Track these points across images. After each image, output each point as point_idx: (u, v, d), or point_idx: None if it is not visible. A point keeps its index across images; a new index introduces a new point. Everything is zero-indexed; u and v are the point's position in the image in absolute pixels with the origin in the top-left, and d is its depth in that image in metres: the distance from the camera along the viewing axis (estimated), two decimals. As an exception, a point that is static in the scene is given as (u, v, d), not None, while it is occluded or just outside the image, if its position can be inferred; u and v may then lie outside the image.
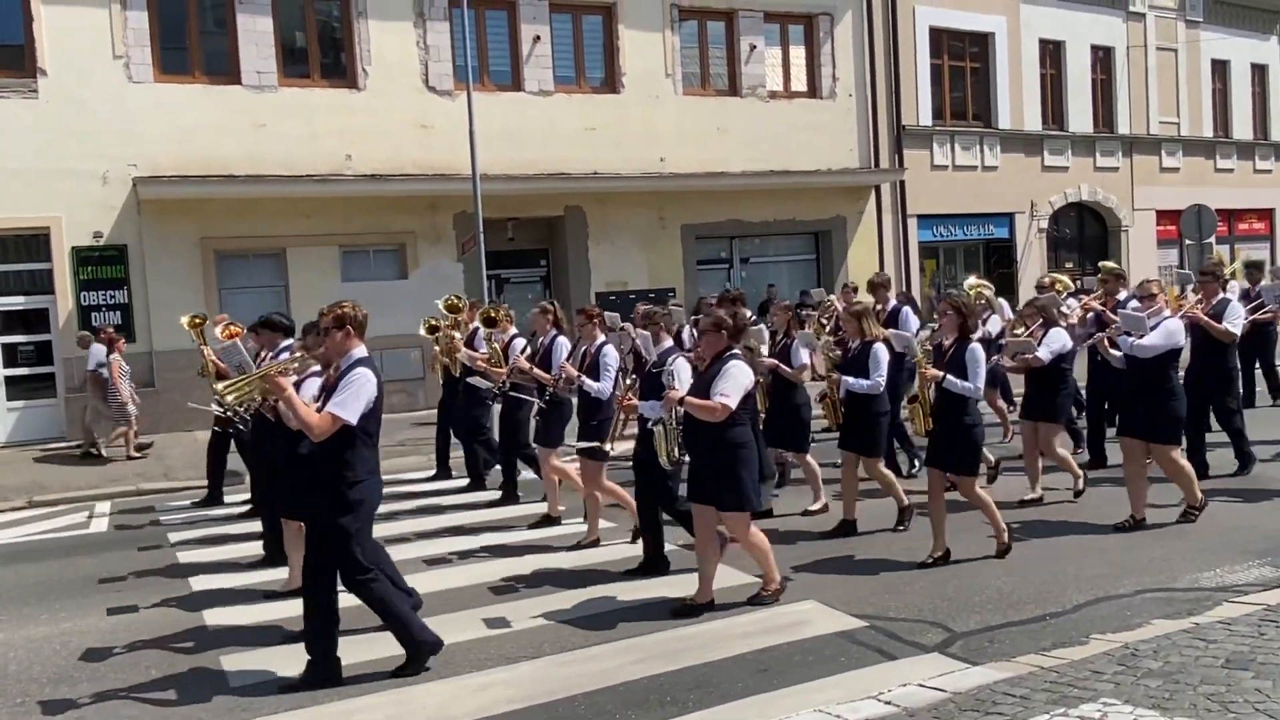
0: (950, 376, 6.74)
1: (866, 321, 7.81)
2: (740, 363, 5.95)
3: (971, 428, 6.82)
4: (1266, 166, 26.76)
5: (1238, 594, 5.87)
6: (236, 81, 15.43)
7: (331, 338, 5.30)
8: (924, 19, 20.94)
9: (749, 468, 5.96)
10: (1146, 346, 7.35)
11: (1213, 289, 9.15)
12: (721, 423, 5.83)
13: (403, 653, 5.33)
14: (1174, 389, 7.48)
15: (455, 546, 8.05)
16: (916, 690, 4.63)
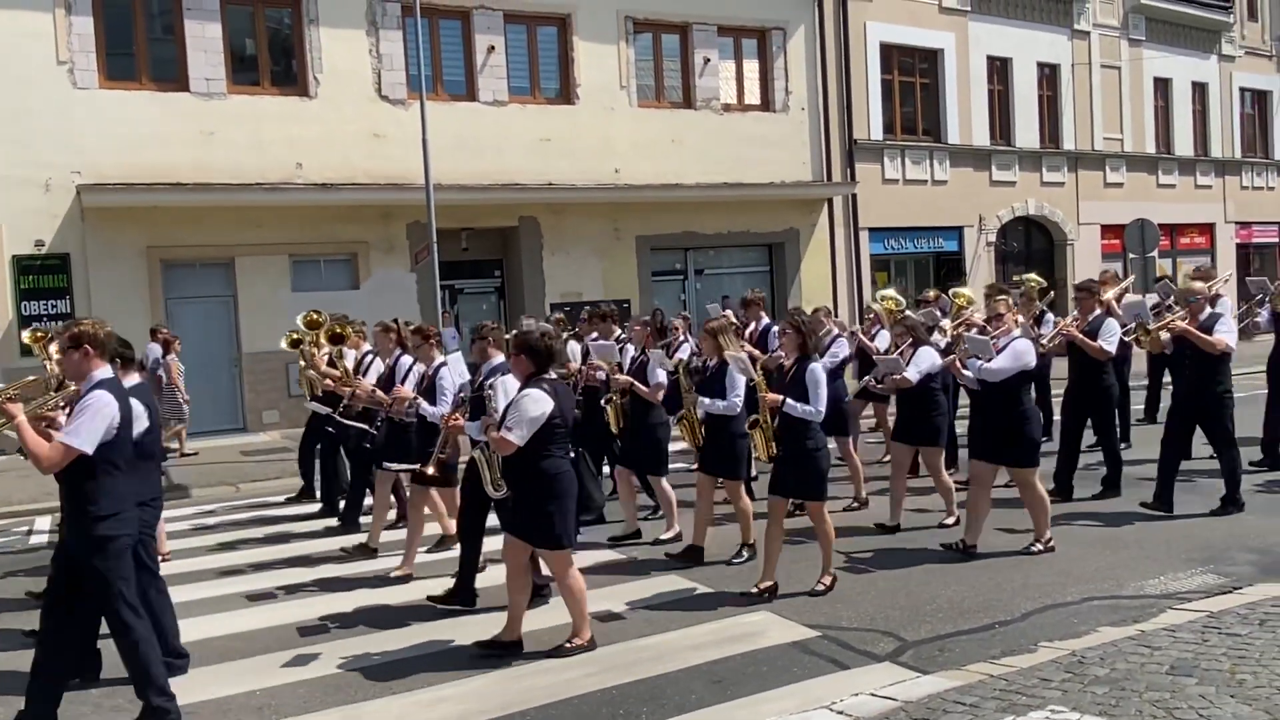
0: (789, 400, 6.35)
1: (724, 339, 7.27)
2: (535, 393, 5.38)
3: (815, 452, 6.42)
4: (1207, 182, 27.43)
5: (1181, 601, 5.98)
6: (184, 89, 15.20)
7: (68, 358, 4.77)
8: (875, 35, 21.22)
9: (560, 501, 5.49)
10: (994, 370, 7.09)
11: (1089, 305, 8.90)
12: (528, 452, 5.37)
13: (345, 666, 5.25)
14: (1026, 412, 7.18)
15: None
16: (869, 699, 4.65)
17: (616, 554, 7.82)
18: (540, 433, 5.36)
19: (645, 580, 7.05)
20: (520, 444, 5.32)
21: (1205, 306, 8.23)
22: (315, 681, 5.40)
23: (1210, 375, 8.08)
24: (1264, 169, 28.85)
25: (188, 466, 12.69)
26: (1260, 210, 28.77)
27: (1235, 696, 4.34)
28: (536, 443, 5.37)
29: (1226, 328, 8.04)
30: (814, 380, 6.35)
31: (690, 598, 6.60)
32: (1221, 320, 8.11)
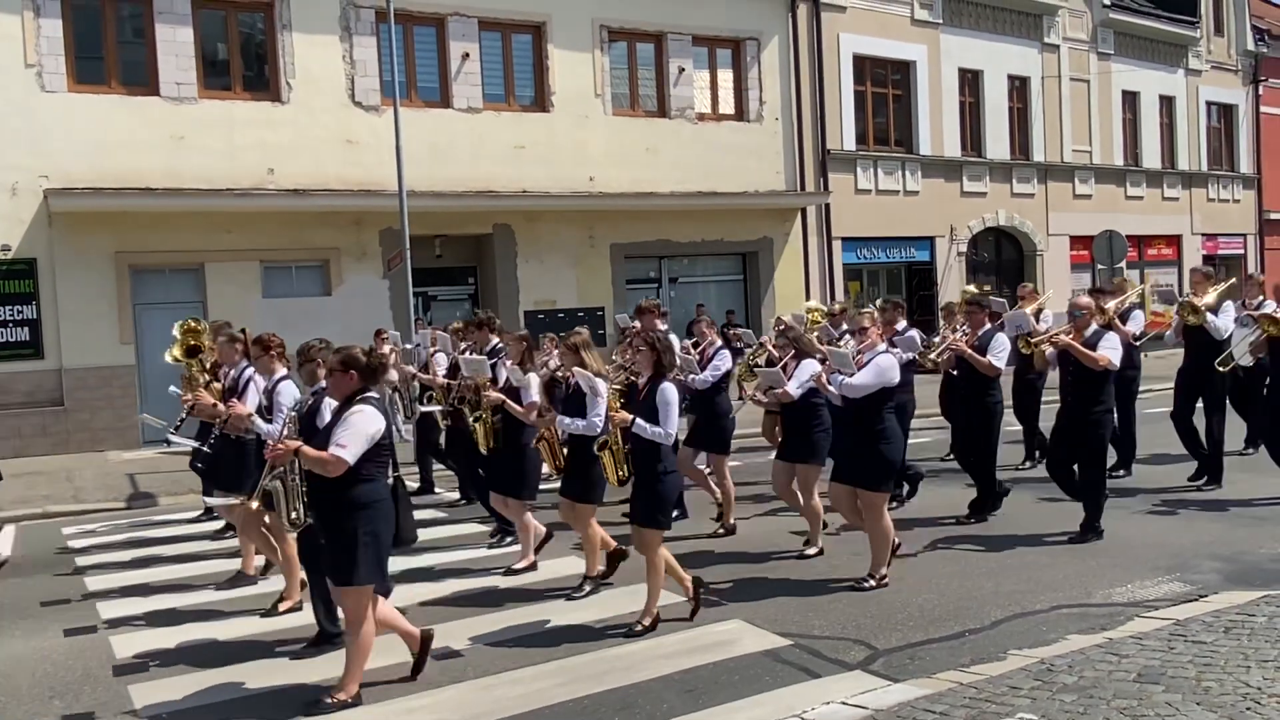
0: (640, 420, 5.97)
1: (586, 355, 6.71)
2: (368, 409, 4.99)
3: (662, 476, 6.04)
4: (1174, 194, 27.82)
5: (1149, 609, 6.04)
6: (155, 93, 15.06)
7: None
8: (848, 46, 21.38)
9: (370, 532, 4.99)
10: (856, 385, 6.71)
11: (979, 319, 8.61)
12: (342, 479, 4.90)
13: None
14: (885, 431, 6.74)
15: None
16: (840, 708, 4.66)
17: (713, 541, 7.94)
18: (366, 453, 4.96)
19: (617, 590, 7.03)
20: (352, 462, 4.88)
21: (1091, 322, 7.83)
22: (284, 692, 5.34)
23: (1092, 393, 7.68)
24: (1230, 181, 29.29)
25: (156, 475, 12.54)
26: (1226, 222, 29.21)
27: (1201, 704, 4.39)
28: (359, 464, 4.94)
29: (1111, 345, 7.64)
30: (664, 401, 5.99)
31: (662, 607, 6.58)
32: (1106, 337, 7.71)
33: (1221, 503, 8.99)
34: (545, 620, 6.41)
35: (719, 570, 7.37)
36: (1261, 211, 29.98)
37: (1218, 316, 9.47)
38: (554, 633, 6.18)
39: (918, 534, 8.20)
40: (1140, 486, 9.77)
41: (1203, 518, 8.49)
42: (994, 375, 8.37)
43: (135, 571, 8.16)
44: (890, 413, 6.86)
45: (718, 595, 6.70)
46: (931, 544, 7.92)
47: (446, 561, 8.07)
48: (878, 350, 6.89)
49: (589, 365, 6.66)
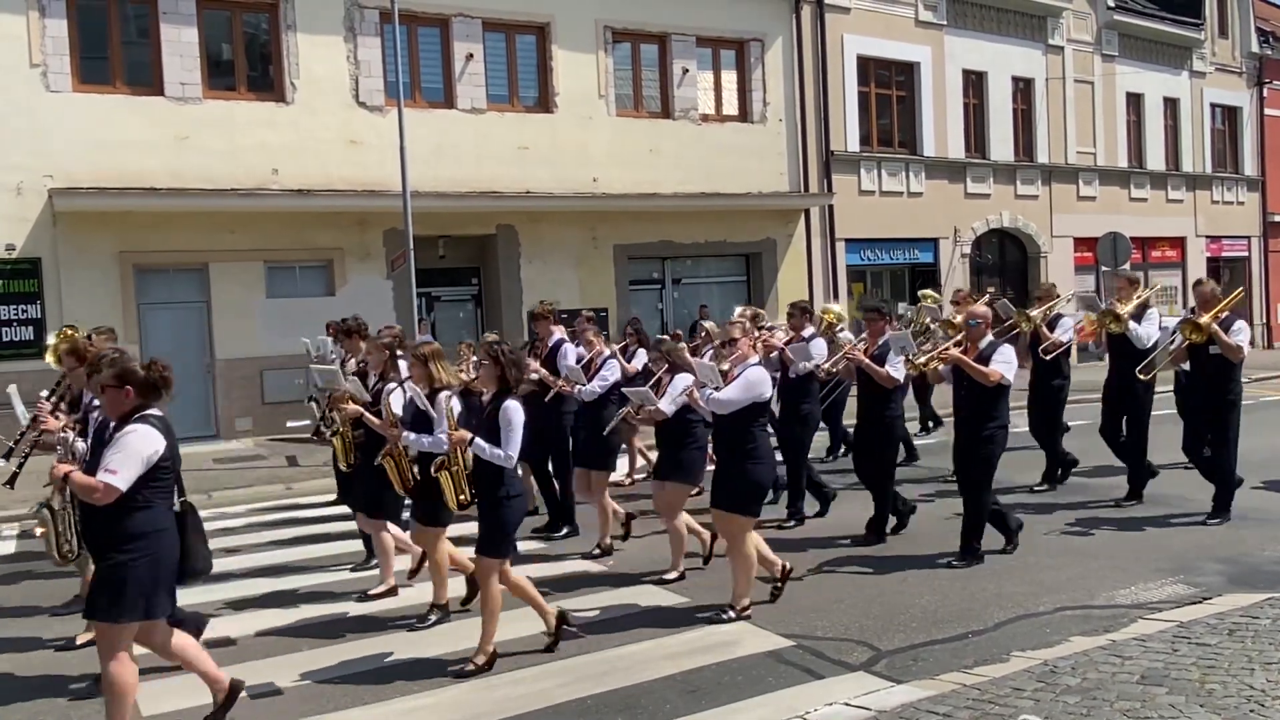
0: (479, 440, 5.51)
1: (435, 366, 6.14)
2: (142, 428, 4.50)
3: (504, 501, 5.54)
4: (1178, 196, 27.78)
5: (1152, 611, 6.04)
6: (159, 93, 15.08)
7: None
8: (852, 47, 21.37)
9: (144, 564, 4.49)
10: (722, 400, 6.20)
11: (879, 327, 8.16)
12: (118, 505, 4.42)
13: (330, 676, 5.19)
14: (756, 450, 6.22)
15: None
16: (842, 709, 4.66)
17: (588, 563, 7.80)
18: (142, 477, 4.46)
19: (619, 590, 7.03)
20: (124, 489, 4.39)
21: (986, 333, 7.39)
22: (286, 692, 5.35)
23: (985, 409, 7.21)
24: (1234, 184, 29.25)
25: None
26: (1230, 224, 29.16)
27: (1205, 706, 4.39)
28: (133, 490, 4.45)
29: (1005, 359, 7.15)
30: (507, 420, 5.52)
31: (664, 607, 6.59)
32: (1000, 350, 7.21)
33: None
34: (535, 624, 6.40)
35: (718, 574, 7.36)
36: (1266, 214, 29.92)
37: (1141, 324, 9.00)
38: (556, 633, 6.17)
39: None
40: (1148, 490, 9.73)
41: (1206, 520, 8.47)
42: (892, 386, 7.94)
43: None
44: (761, 430, 6.36)
45: (721, 597, 6.70)
46: (928, 549, 7.91)
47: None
48: (748, 363, 6.35)
49: (437, 377, 6.13)
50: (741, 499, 6.23)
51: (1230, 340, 8.17)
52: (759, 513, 6.38)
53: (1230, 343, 8.16)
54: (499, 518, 5.58)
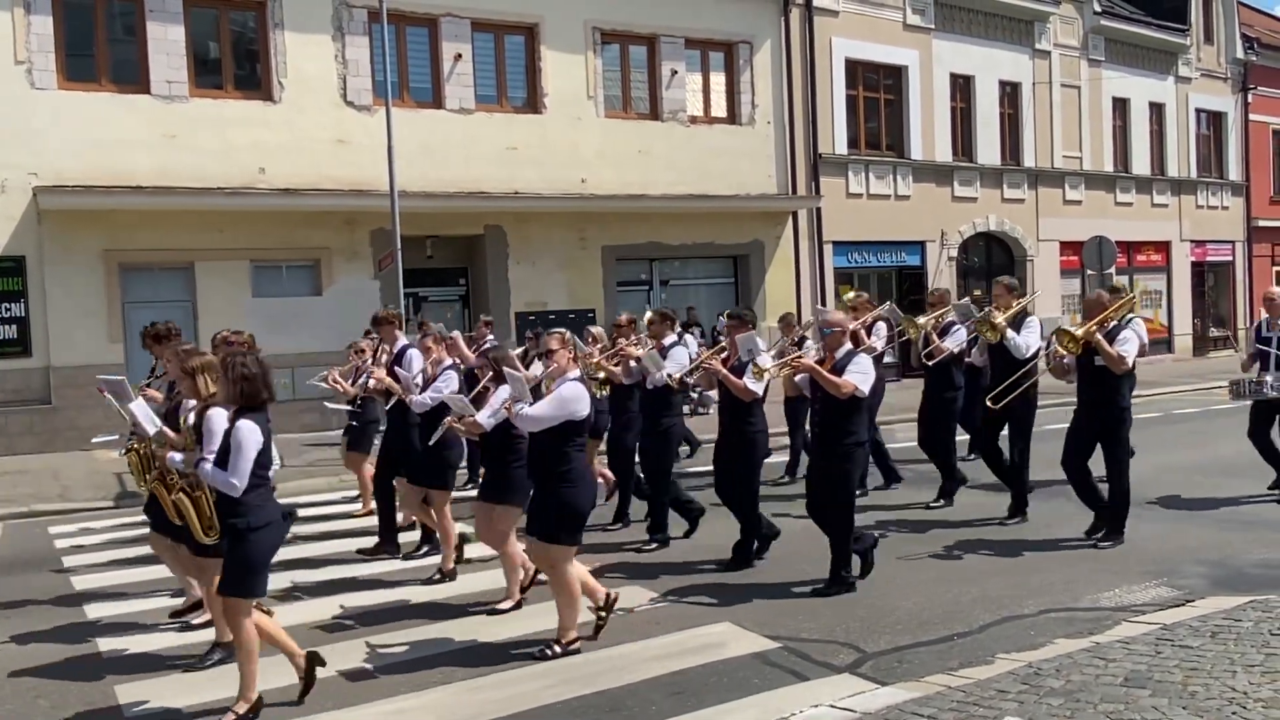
0: (206, 464, 4.93)
1: (203, 379, 5.35)
2: None
3: (245, 534, 4.89)
4: (1163, 201, 27.95)
5: (1136, 613, 6.06)
6: (145, 91, 15.02)
7: None
8: (840, 50, 21.43)
9: None
10: (531, 417, 5.66)
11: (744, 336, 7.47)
12: None
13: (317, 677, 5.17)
14: (570, 473, 5.67)
15: (359, 572, 7.88)
16: (828, 711, 4.67)
17: None
18: None
19: (607, 591, 7.02)
20: None
21: (844, 341, 6.86)
22: (269, 693, 5.32)
23: (841, 424, 6.72)
24: (1218, 188, 29.45)
25: (143, 474, 12.47)
26: (1214, 229, 29.36)
27: (1187, 708, 4.41)
28: None
29: (860, 369, 6.68)
30: (237, 442, 4.82)
31: (650, 608, 6.59)
32: (856, 360, 6.75)
33: (1208, 507, 9.03)
34: (534, 619, 6.40)
35: (707, 575, 7.37)
36: (1250, 219, 30.13)
37: (1020, 333, 8.49)
38: (543, 633, 6.16)
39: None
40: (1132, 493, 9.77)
41: (1190, 523, 8.53)
42: (748, 400, 7.29)
43: (122, 571, 8.13)
44: (578, 451, 5.76)
45: (707, 597, 6.70)
46: (913, 551, 7.93)
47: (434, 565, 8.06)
48: (566, 377, 5.81)
49: (204, 393, 5.31)
50: (556, 527, 5.68)
51: (1113, 350, 7.52)
52: (578, 541, 5.81)
53: (1112, 353, 7.52)
54: (241, 555, 4.90)
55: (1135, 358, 7.76)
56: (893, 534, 8.34)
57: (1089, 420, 7.87)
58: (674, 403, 8.37)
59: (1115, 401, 7.71)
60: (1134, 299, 8.30)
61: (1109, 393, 7.70)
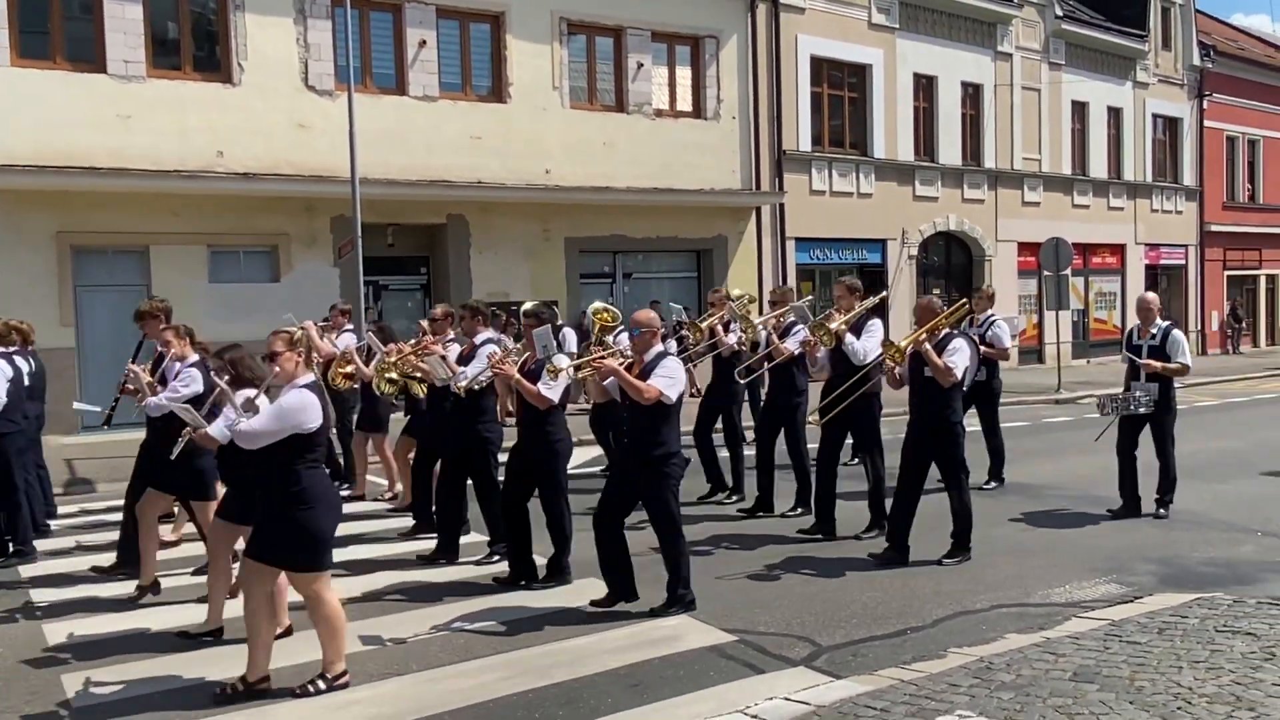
0: None
1: None
2: None
3: None
4: (1119, 204, 28.39)
5: (1086, 609, 6.17)
6: (101, 70, 14.71)
7: None
8: (805, 48, 21.51)
9: None
10: (246, 432, 4.97)
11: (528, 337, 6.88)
12: None
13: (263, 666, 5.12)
14: (304, 493, 5.01)
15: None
16: (782, 704, 4.70)
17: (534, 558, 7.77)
18: None
19: (565, 584, 7.01)
20: None
21: (653, 343, 6.32)
22: (222, 683, 5.26)
23: (649, 434, 6.16)
24: (1173, 193, 29.97)
25: (94, 460, 12.28)
26: (1168, 233, 29.88)
27: (1134, 703, 4.49)
28: None
29: (667, 372, 6.12)
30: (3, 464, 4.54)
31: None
32: (664, 362, 6.17)
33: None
34: (490, 613, 6.38)
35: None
36: (1203, 223, 30.70)
37: (861, 338, 8.06)
38: (502, 625, 6.15)
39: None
40: (1084, 492, 9.96)
41: (1140, 522, 8.69)
42: (544, 408, 6.68)
43: (71, 559, 7.98)
44: (311, 469, 5.07)
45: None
46: (870, 546, 8.00)
47: (387, 555, 8.00)
48: (295, 383, 5.09)
49: None
50: (294, 552, 5.03)
51: (940, 361, 7.12)
52: (326, 564, 5.14)
53: (939, 364, 7.11)
54: None
55: (965, 369, 7.26)
56: (860, 527, 8.40)
57: (920, 436, 7.42)
58: (488, 407, 7.59)
59: (945, 416, 7.27)
60: (967, 306, 7.62)
61: (938, 407, 7.25)
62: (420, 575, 7.33)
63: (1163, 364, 8.56)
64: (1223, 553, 7.60)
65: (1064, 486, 10.18)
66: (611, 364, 6.19)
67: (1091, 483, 10.22)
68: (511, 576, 7.01)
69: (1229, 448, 12.66)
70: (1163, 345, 8.64)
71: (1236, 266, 32.11)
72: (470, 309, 8.04)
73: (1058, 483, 10.37)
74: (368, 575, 7.33)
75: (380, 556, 7.90)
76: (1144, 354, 8.67)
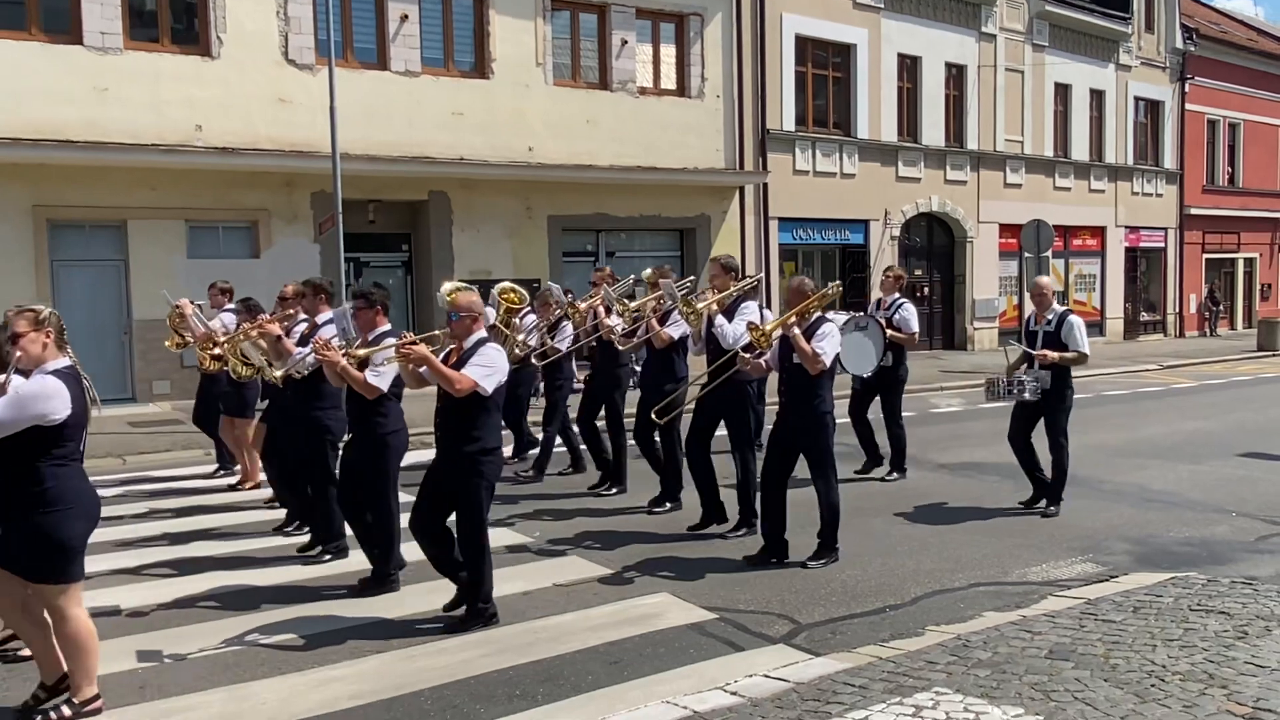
0: None
1: None
2: None
3: None
4: (1100, 186, 28.51)
5: (1062, 588, 6.23)
6: (78, 41, 14.50)
7: None
8: (790, 27, 21.44)
9: None
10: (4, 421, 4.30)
11: (369, 318, 6.37)
12: None
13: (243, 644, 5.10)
14: (47, 494, 4.38)
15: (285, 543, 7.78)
16: (762, 681, 4.73)
17: (517, 535, 7.78)
18: None
19: (545, 562, 7.03)
20: None
21: (474, 329, 5.69)
22: (201, 660, 5.25)
23: (464, 427, 5.58)
24: (1153, 176, 30.11)
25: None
26: (1148, 216, 30.05)
27: (1109, 680, 4.54)
28: None
29: (484, 362, 5.52)
30: None
31: (590, 580, 6.61)
32: (482, 350, 5.58)
33: (1134, 486, 9.28)
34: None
35: (647, 546, 7.40)
36: (1183, 206, 30.88)
37: (733, 320, 7.40)
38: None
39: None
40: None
41: (1115, 501, 8.77)
42: (371, 397, 6.19)
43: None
44: (58, 468, 4.42)
45: (646, 570, 6.73)
46: (850, 524, 8.04)
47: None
48: (44, 368, 4.46)
49: None
50: (35, 560, 4.42)
51: (808, 348, 6.61)
52: (73, 575, 4.51)
53: (806, 349, 6.61)
54: None
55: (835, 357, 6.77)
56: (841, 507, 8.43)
57: (787, 427, 6.90)
58: (325, 393, 6.98)
59: (814, 406, 6.74)
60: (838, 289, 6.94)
61: (807, 396, 6.75)
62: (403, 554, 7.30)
63: (1059, 354, 8.02)
64: (1198, 532, 7.68)
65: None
66: (421, 350, 5.50)
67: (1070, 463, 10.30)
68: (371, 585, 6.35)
69: (1205, 429, 12.79)
70: (1058, 332, 8.09)
71: (1215, 250, 32.35)
72: (313, 286, 7.48)
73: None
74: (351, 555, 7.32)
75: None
76: (1039, 341, 8.18)
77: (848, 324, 7.61)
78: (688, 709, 4.39)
